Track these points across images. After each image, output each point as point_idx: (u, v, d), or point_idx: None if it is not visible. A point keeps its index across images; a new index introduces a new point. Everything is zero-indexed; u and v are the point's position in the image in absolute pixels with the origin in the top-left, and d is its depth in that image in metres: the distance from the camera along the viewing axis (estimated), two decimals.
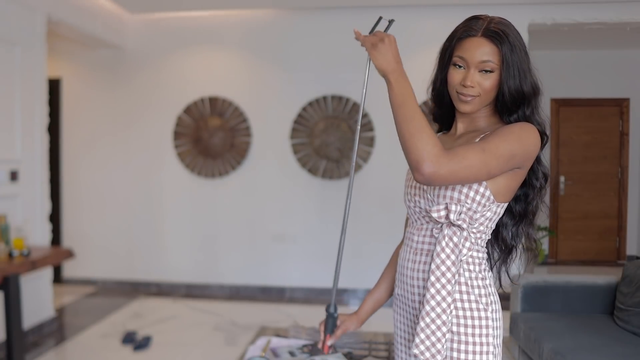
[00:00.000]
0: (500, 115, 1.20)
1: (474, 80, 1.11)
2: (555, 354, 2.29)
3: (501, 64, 1.11)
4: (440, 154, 0.98)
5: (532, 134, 1.10)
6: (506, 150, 1.05)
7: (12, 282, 2.54)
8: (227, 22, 4.73)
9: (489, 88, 1.13)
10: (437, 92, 1.24)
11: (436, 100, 1.26)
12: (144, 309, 4.30)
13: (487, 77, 1.12)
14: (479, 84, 1.12)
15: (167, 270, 4.89)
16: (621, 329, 2.54)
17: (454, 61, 1.15)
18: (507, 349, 3.30)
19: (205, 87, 4.77)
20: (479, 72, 1.12)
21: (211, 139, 4.71)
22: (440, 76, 1.21)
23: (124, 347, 3.42)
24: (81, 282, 4.99)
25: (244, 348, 3.39)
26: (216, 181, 4.81)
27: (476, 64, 1.11)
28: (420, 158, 0.98)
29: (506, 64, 1.10)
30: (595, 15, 4.33)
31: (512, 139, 1.07)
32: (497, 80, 1.12)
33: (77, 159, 4.97)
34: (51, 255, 2.83)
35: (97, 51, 4.85)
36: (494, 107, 1.20)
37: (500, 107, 1.18)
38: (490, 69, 1.11)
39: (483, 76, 1.12)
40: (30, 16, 3.56)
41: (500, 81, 1.12)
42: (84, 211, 4.97)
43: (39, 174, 3.68)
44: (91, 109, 4.94)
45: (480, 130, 1.19)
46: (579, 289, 2.84)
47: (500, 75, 1.12)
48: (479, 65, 1.11)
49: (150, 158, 4.87)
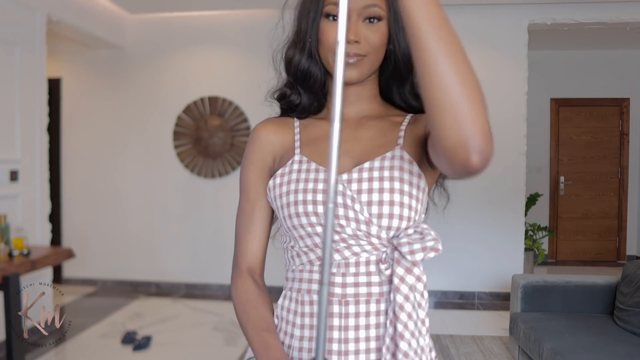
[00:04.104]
0: (383, 91, 0.93)
1: (359, 33, 0.81)
2: (555, 354, 2.29)
3: (388, 11, 0.83)
4: None
5: None
6: None
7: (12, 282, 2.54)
8: (227, 22, 4.73)
9: (378, 43, 0.83)
10: (300, 70, 0.90)
11: (300, 80, 0.91)
12: (144, 309, 4.30)
13: (375, 29, 0.83)
14: (366, 39, 0.82)
15: (167, 270, 4.89)
16: (621, 329, 2.54)
17: (326, 11, 0.84)
18: (507, 349, 3.31)
19: (205, 87, 4.77)
20: (362, 22, 0.82)
21: (211, 139, 4.71)
22: (300, 43, 0.89)
23: (124, 347, 3.42)
24: (81, 282, 4.99)
25: (244, 348, 3.39)
26: (216, 181, 4.81)
27: (359, 10, 0.81)
28: (484, 131, 0.63)
29: (393, 10, 0.83)
30: (595, 15, 4.33)
31: None
32: (386, 32, 0.84)
33: (77, 159, 4.97)
34: (51, 255, 2.83)
35: (97, 51, 4.85)
36: (377, 78, 0.92)
37: (386, 77, 0.91)
38: (377, 17, 0.82)
39: (369, 27, 0.82)
40: (30, 16, 3.56)
41: (389, 35, 0.85)
42: (84, 211, 4.97)
43: (39, 174, 3.68)
44: (91, 109, 4.94)
45: (384, 114, 0.91)
46: (579, 289, 2.84)
47: (389, 25, 0.84)
48: (362, 11, 0.81)
49: (150, 158, 4.87)
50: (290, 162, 0.88)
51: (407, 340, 0.77)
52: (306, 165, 0.86)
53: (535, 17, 4.37)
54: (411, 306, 0.79)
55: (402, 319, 0.78)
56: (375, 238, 0.81)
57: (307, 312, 0.85)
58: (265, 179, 0.91)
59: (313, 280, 0.85)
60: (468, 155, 0.63)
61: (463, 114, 0.62)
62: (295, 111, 0.95)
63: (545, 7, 4.35)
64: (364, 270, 0.82)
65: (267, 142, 0.93)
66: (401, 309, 0.78)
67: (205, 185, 4.82)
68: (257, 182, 0.92)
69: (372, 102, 0.92)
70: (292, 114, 0.96)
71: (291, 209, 0.83)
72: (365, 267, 0.82)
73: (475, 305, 4.43)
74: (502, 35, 4.41)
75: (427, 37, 0.62)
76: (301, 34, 0.89)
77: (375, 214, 0.80)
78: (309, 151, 0.89)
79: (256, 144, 0.94)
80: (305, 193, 0.82)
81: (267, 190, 0.89)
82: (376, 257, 0.82)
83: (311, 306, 0.85)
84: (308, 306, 0.85)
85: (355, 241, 0.82)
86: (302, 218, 0.83)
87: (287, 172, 0.87)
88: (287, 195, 0.84)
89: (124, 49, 4.84)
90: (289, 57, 0.92)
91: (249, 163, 0.93)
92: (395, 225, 0.81)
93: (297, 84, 0.92)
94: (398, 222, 0.80)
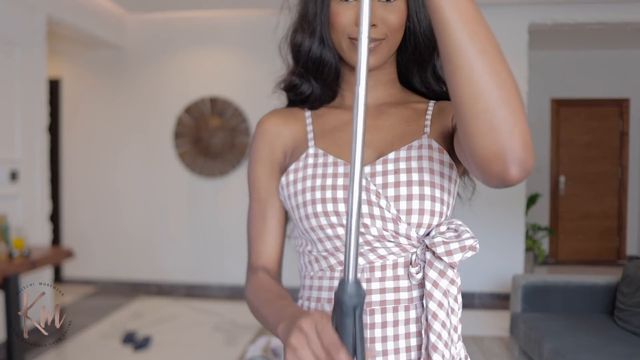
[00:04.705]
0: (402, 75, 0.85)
1: (375, 15, 0.72)
2: (555, 354, 2.29)
3: None
4: None
5: None
6: None
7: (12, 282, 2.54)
8: (227, 22, 4.73)
9: (396, 24, 0.74)
10: (311, 58, 0.81)
11: (312, 70, 0.82)
12: (144, 309, 4.30)
13: (392, 8, 0.73)
14: (383, 20, 0.73)
15: (167, 270, 4.89)
16: (621, 329, 2.54)
17: None
18: (508, 349, 3.31)
19: (205, 87, 4.77)
20: (378, 1, 0.73)
21: (211, 139, 4.71)
22: (308, 27, 0.80)
23: (124, 347, 3.42)
24: (81, 282, 4.99)
25: (244, 348, 3.39)
26: (216, 181, 4.81)
27: None
28: (525, 140, 0.55)
29: None
30: (595, 15, 4.33)
31: None
32: (404, 11, 0.75)
33: (77, 159, 4.97)
34: (51, 255, 2.83)
35: (97, 51, 4.85)
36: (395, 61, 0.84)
37: (405, 60, 0.82)
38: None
39: (385, 7, 0.73)
40: (30, 16, 3.56)
41: (408, 14, 0.75)
42: (84, 211, 4.97)
43: (39, 174, 3.68)
44: (91, 109, 4.94)
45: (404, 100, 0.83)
46: (579, 289, 2.84)
47: (407, 2, 0.75)
48: None
49: (151, 158, 4.87)
50: (304, 155, 0.79)
51: (441, 352, 0.70)
52: (322, 158, 0.77)
53: (535, 17, 4.37)
54: (445, 314, 0.71)
55: (435, 329, 0.70)
56: (404, 238, 0.73)
57: None
58: (276, 175, 0.83)
59: (334, 289, 0.73)
60: (506, 167, 0.55)
61: (500, 122, 0.54)
62: (306, 102, 0.85)
63: (545, 8, 4.35)
64: (391, 274, 0.73)
65: (276, 135, 0.84)
66: (434, 317, 0.70)
67: (206, 185, 4.82)
68: (267, 179, 0.83)
69: (391, 87, 0.84)
70: (302, 105, 0.86)
71: (308, 209, 0.75)
72: (393, 270, 0.74)
73: (475, 305, 4.43)
74: (502, 35, 4.40)
75: (459, 34, 0.54)
76: (309, 18, 0.79)
77: (404, 210, 0.71)
78: (324, 143, 0.80)
79: (264, 137, 0.85)
80: (324, 190, 0.74)
81: (280, 188, 0.81)
82: (405, 260, 0.74)
83: None
84: None
85: (380, 243, 0.73)
86: (320, 219, 0.74)
87: (301, 167, 0.78)
88: (302, 194, 0.76)
89: (124, 49, 4.84)
90: (297, 43, 0.82)
91: (257, 159, 0.85)
92: (427, 222, 0.72)
93: (309, 74, 0.82)
94: (429, 219, 0.72)
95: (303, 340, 0.53)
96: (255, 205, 0.85)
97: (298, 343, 0.53)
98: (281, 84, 0.87)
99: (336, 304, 0.53)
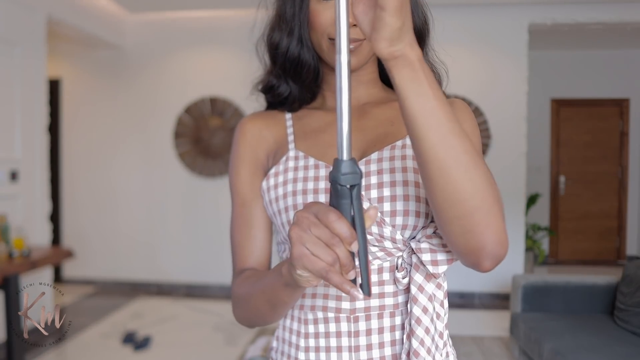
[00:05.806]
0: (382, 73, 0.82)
1: (355, 14, 0.61)
2: (555, 354, 2.29)
3: None
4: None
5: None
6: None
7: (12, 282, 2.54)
8: (227, 22, 4.73)
9: None
10: (289, 58, 0.79)
11: (289, 71, 0.80)
12: (144, 309, 4.30)
13: None
14: None
15: (167, 270, 4.89)
16: (621, 329, 2.54)
17: None
18: (507, 349, 3.31)
19: (205, 87, 4.77)
20: None
21: (211, 139, 4.71)
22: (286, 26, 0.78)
23: (124, 347, 3.42)
24: (81, 282, 4.99)
25: (244, 348, 3.39)
26: (216, 181, 4.81)
27: None
28: (499, 237, 0.58)
29: None
30: (595, 15, 4.33)
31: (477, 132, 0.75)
32: None
33: (77, 159, 4.97)
34: (51, 255, 2.83)
35: (97, 51, 4.85)
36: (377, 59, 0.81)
37: None
38: None
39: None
40: (30, 16, 3.56)
41: None
42: (84, 211, 4.97)
43: (39, 174, 3.68)
44: (91, 109, 4.94)
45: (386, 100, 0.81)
46: (579, 289, 2.84)
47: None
48: None
49: (151, 158, 4.87)
50: (285, 159, 0.77)
51: (423, 358, 0.68)
52: (303, 161, 0.76)
53: (535, 17, 4.37)
54: (429, 319, 0.69)
55: (418, 334, 0.68)
56: (388, 241, 0.70)
57: (311, 333, 0.74)
58: (260, 177, 0.80)
59: (318, 295, 0.74)
60: (479, 261, 0.59)
61: (474, 226, 0.56)
62: (284, 104, 0.83)
63: (545, 8, 4.35)
64: (375, 279, 0.71)
65: (259, 138, 0.82)
66: (418, 322, 0.68)
67: (206, 185, 4.82)
68: (251, 181, 0.80)
69: (373, 86, 0.82)
70: (280, 107, 0.84)
71: (290, 214, 0.73)
72: (378, 276, 0.71)
73: (475, 305, 4.43)
74: (503, 35, 4.41)
75: (434, 150, 0.54)
76: (287, 17, 0.77)
77: (388, 212, 0.69)
78: (305, 145, 0.78)
79: (245, 140, 0.83)
80: (305, 195, 0.72)
81: (262, 193, 0.79)
82: (390, 264, 0.71)
83: (316, 325, 0.73)
84: (312, 325, 0.74)
85: None
86: None
87: (281, 170, 0.76)
88: (284, 199, 0.74)
89: (124, 49, 4.84)
90: (275, 43, 0.81)
91: (240, 162, 0.82)
92: (412, 224, 0.70)
93: (287, 75, 0.81)
94: (415, 220, 0.69)
95: (305, 224, 0.50)
96: (239, 210, 0.81)
97: (298, 232, 0.51)
98: (258, 85, 0.86)
99: (331, 185, 0.50)
